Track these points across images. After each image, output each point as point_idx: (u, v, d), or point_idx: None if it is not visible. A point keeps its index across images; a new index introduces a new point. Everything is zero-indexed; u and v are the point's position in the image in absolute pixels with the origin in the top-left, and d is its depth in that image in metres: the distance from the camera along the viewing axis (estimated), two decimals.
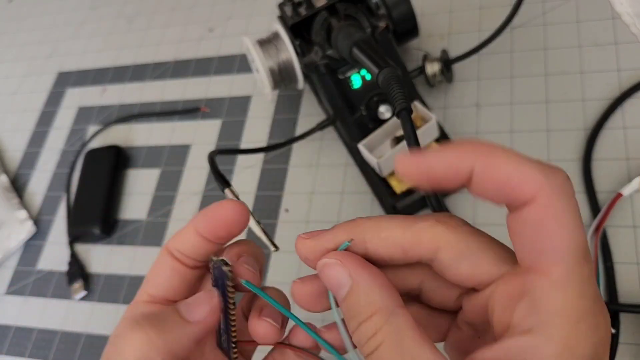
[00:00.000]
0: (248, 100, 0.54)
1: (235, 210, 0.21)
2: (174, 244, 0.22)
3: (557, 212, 0.16)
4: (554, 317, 0.15)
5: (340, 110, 0.43)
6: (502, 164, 0.16)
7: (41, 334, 0.49)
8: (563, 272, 0.16)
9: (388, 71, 0.27)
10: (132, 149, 0.56)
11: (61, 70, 0.66)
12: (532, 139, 0.43)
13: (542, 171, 0.16)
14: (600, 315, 0.16)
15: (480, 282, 0.18)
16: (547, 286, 0.16)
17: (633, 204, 0.38)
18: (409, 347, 0.17)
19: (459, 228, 0.18)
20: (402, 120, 0.22)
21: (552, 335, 0.15)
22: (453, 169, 0.17)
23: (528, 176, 0.16)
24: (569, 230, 0.16)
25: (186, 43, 0.61)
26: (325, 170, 0.48)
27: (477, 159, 0.16)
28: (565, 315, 0.15)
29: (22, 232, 0.54)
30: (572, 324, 0.15)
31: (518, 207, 0.16)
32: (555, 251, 0.16)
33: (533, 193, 0.16)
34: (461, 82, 0.47)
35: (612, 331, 0.34)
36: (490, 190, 0.17)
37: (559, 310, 0.15)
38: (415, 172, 0.17)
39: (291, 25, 0.41)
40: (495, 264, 0.18)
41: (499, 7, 0.50)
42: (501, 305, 0.17)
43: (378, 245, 0.19)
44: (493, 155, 0.16)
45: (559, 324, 0.15)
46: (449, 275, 0.18)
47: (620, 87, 0.42)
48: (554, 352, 0.15)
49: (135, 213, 0.52)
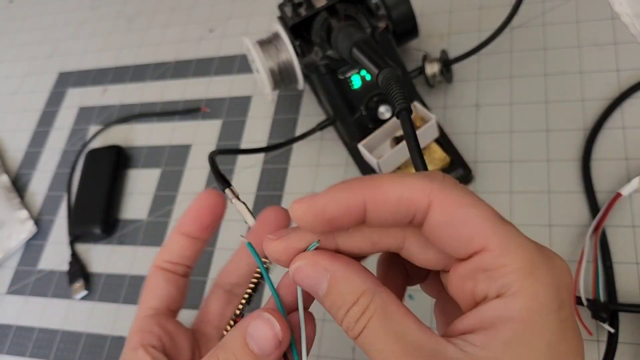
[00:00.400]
0: (248, 100, 0.55)
1: (210, 195, 0.22)
2: (161, 258, 0.23)
3: (457, 200, 0.17)
4: (509, 277, 0.16)
5: (340, 110, 0.43)
6: (389, 187, 0.17)
7: (42, 334, 0.49)
8: (498, 240, 0.17)
9: (388, 71, 0.27)
10: (133, 149, 0.57)
11: (62, 71, 0.67)
12: (532, 139, 0.43)
13: (425, 177, 0.18)
14: (552, 260, 0.17)
15: (460, 253, 0.18)
16: (491, 257, 0.17)
17: (632, 204, 0.38)
18: (397, 318, 0.17)
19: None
20: (402, 120, 0.22)
21: (514, 293, 0.16)
22: (346, 207, 0.18)
23: (415, 188, 0.17)
24: (476, 207, 0.17)
25: (186, 43, 0.62)
26: (325, 170, 0.48)
27: (365, 192, 0.17)
28: (517, 271, 0.16)
29: (23, 231, 0.55)
30: (527, 275, 0.16)
31: (420, 219, 0.18)
32: (479, 229, 0.17)
33: (427, 199, 0.17)
34: (461, 82, 0.47)
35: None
36: (386, 214, 0.18)
37: (511, 271, 0.16)
38: (311, 217, 0.18)
39: (291, 25, 0.41)
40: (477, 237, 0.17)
41: (499, 7, 0.50)
42: (460, 288, 0.18)
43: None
44: (379, 184, 0.18)
45: (516, 279, 0.16)
46: (432, 235, 0.18)
47: (620, 87, 0.43)
48: (520, 306, 0.16)
49: (136, 213, 0.53)
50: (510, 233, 0.17)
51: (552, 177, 0.41)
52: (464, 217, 0.17)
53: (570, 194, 0.40)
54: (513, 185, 0.42)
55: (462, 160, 0.42)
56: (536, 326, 0.16)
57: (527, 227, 0.39)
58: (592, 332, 0.34)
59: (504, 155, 0.43)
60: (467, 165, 0.42)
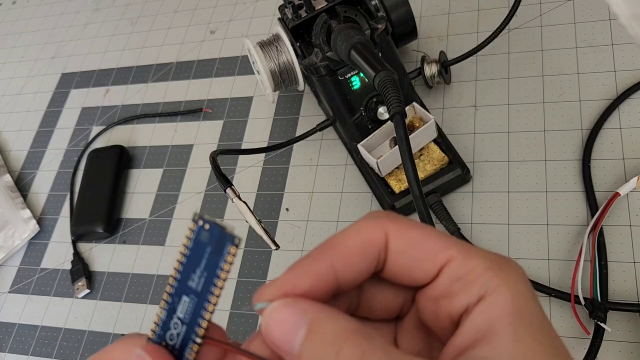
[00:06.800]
0: (249, 101, 0.55)
1: None
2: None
3: (409, 225, 0.17)
4: (485, 276, 0.16)
5: (340, 111, 0.43)
6: (348, 239, 0.17)
7: (44, 332, 0.50)
8: (459, 248, 0.17)
9: (384, 74, 0.28)
10: (135, 148, 0.57)
11: (65, 71, 0.67)
12: (530, 139, 0.43)
13: (372, 216, 0.18)
14: (508, 260, 0.17)
15: (429, 273, 0.17)
16: (459, 264, 0.17)
17: (630, 204, 0.39)
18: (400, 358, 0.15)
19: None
20: (395, 123, 0.22)
21: (495, 289, 0.16)
22: (316, 276, 0.17)
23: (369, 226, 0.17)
24: (427, 228, 0.17)
25: (188, 45, 0.62)
26: (325, 170, 0.48)
27: (328, 253, 0.17)
28: (489, 269, 0.16)
29: (26, 231, 0.55)
30: (499, 271, 0.16)
31: (383, 257, 0.17)
32: (440, 244, 0.17)
33: (383, 232, 0.17)
34: (459, 83, 0.48)
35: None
36: (357, 265, 0.17)
37: (483, 269, 0.16)
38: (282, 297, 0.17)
39: (292, 27, 0.42)
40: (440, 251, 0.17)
41: (497, 9, 0.50)
42: (433, 313, 0.17)
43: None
44: (337, 240, 0.17)
45: (492, 276, 0.16)
46: (398, 267, 0.17)
47: (617, 88, 0.43)
48: (507, 298, 0.16)
49: (138, 212, 0.53)
50: (465, 245, 0.17)
51: (550, 177, 0.41)
52: (421, 237, 0.17)
53: (568, 193, 0.40)
54: (511, 185, 0.42)
55: (461, 160, 0.42)
56: (527, 314, 0.16)
57: (525, 227, 0.40)
58: (589, 331, 0.35)
59: (502, 156, 0.43)
60: (465, 165, 0.42)
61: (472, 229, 0.41)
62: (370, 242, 0.17)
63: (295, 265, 0.17)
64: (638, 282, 0.36)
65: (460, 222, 0.41)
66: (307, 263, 0.17)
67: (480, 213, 0.42)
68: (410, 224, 0.17)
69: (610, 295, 0.36)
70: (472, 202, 0.42)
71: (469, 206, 0.42)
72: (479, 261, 0.16)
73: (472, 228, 0.41)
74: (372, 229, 0.17)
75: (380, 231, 0.17)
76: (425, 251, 0.17)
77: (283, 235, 0.46)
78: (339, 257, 0.17)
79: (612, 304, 0.35)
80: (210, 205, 0.51)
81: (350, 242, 0.17)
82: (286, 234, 0.46)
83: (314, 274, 0.17)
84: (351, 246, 0.17)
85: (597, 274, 0.36)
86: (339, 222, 0.45)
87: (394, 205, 0.42)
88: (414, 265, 0.17)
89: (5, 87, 0.69)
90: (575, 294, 0.35)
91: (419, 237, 0.17)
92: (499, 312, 0.16)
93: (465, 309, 0.16)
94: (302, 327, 0.15)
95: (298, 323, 0.15)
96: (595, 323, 0.35)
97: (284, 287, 0.16)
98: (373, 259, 0.17)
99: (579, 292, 0.35)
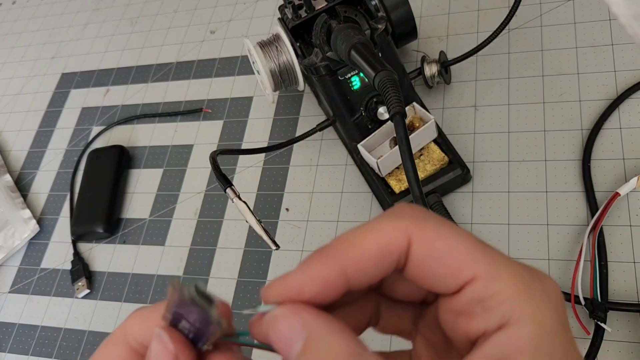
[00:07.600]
0: (249, 101, 0.55)
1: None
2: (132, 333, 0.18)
3: (436, 231, 0.16)
4: (508, 304, 0.15)
5: (340, 111, 0.43)
6: (365, 241, 0.16)
7: (44, 332, 0.50)
8: (486, 266, 0.15)
9: (384, 74, 0.28)
10: (135, 148, 0.57)
11: (65, 71, 0.67)
12: (530, 139, 0.43)
13: (395, 215, 0.16)
14: (544, 281, 0.16)
15: (451, 287, 0.16)
16: (483, 285, 0.15)
17: (630, 204, 0.39)
18: None
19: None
20: (395, 123, 0.22)
21: (517, 320, 0.15)
22: (325, 282, 0.16)
23: (390, 230, 0.16)
24: (457, 235, 0.16)
25: (188, 45, 0.62)
26: (325, 170, 0.48)
27: (342, 258, 0.16)
28: (514, 296, 0.15)
29: (26, 231, 0.55)
30: (526, 300, 0.15)
31: (404, 261, 0.16)
32: (465, 258, 0.16)
33: (405, 238, 0.16)
34: (459, 83, 0.48)
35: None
36: (371, 272, 0.16)
37: (508, 296, 0.15)
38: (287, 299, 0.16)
39: (292, 27, 0.42)
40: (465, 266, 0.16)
41: (497, 9, 0.50)
42: (452, 326, 0.17)
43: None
44: (353, 242, 0.16)
45: (516, 306, 0.15)
46: (418, 275, 0.17)
47: (617, 88, 0.43)
48: (528, 335, 0.15)
49: (138, 212, 0.53)
50: (496, 257, 0.16)
51: (550, 177, 0.41)
52: (447, 248, 0.16)
53: (568, 193, 0.40)
54: (511, 185, 0.42)
55: (461, 160, 0.42)
56: (546, 352, 0.15)
57: (525, 227, 0.40)
58: (590, 331, 0.35)
59: (502, 156, 0.43)
60: (465, 165, 0.42)
61: (472, 229, 0.41)
62: (390, 247, 0.16)
63: (305, 265, 0.16)
64: (638, 282, 0.36)
65: (461, 222, 0.41)
66: (318, 266, 0.16)
67: (480, 213, 0.42)
68: (437, 231, 0.16)
69: (610, 295, 0.36)
70: (472, 202, 0.42)
71: (469, 206, 0.42)
72: (506, 284, 0.15)
73: (472, 228, 0.41)
74: (393, 232, 0.16)
75: (403, 237, 0.16)
76: (448, 266, 0.16)
77: (283, 235, 0.46)
78: (352, 262, 0.16)
79: (612, 304, 0.35)
80: (210, 205, 0.51)
81: (367, 244, 0.16)
82: (286, 234, 0.46)
83: (323, 281, 0.16)
84: (368, 250, 0.16)
85: (597, 274, 0.36)
86: (339, 222, 0.45)
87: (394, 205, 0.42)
88: (435, 278, 0.16)
89: (5, 87, 0.69)
90: (575, 294, 0.35)
91: (445, 249, 0.16)
92: (515, 349, 0.15)
93: (482, 333, 0.15)
94: (299, 341, 0.15)
95: (296, 336, 0.15)
96: (595, 323, 0.35)
97: (290, 291, 0.16)
98: (390, 266, 0.16)
99: (579, 292, 0.35)
